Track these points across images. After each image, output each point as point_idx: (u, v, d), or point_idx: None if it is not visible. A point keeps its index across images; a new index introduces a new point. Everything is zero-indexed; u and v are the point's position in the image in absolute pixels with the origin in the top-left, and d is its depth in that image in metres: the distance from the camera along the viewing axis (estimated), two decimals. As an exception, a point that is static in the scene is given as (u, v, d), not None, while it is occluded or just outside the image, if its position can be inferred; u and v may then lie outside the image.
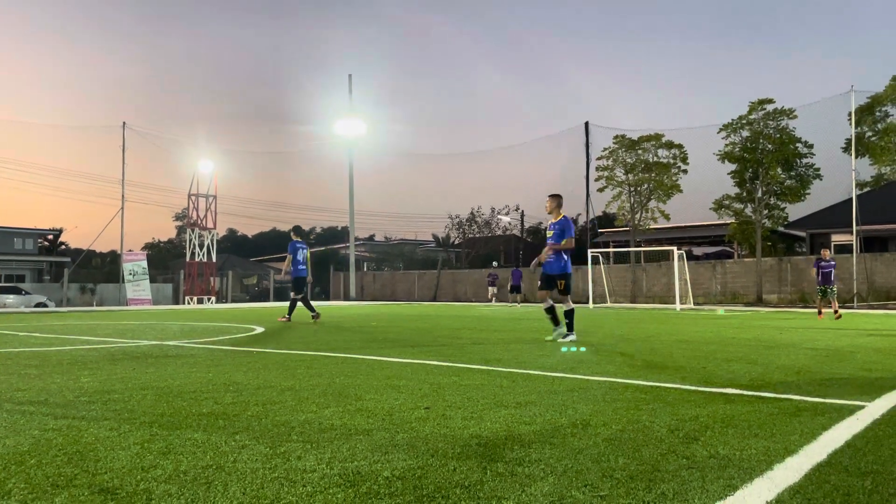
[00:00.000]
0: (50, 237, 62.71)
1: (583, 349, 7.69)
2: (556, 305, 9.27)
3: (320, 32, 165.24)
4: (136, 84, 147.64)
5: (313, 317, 14.54)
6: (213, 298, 35.90)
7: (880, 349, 7.99)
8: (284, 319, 14.50)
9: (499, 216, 52.94)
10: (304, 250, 15.04)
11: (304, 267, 14.88)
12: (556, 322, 9.23)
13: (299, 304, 15.06)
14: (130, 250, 42.22)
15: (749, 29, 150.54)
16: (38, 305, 33.72)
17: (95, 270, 51.52)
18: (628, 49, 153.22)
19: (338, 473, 2.64)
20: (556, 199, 9.32)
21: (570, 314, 9.06)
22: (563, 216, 9.26)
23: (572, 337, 8.86)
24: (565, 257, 9.15)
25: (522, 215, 57.64)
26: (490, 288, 35.63)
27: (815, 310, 19.20)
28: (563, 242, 9.08)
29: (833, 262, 17.43)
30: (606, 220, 44.92)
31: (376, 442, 3.15)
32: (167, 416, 3.78)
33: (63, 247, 64.74)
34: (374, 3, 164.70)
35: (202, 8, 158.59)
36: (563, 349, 7.69)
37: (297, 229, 15.44)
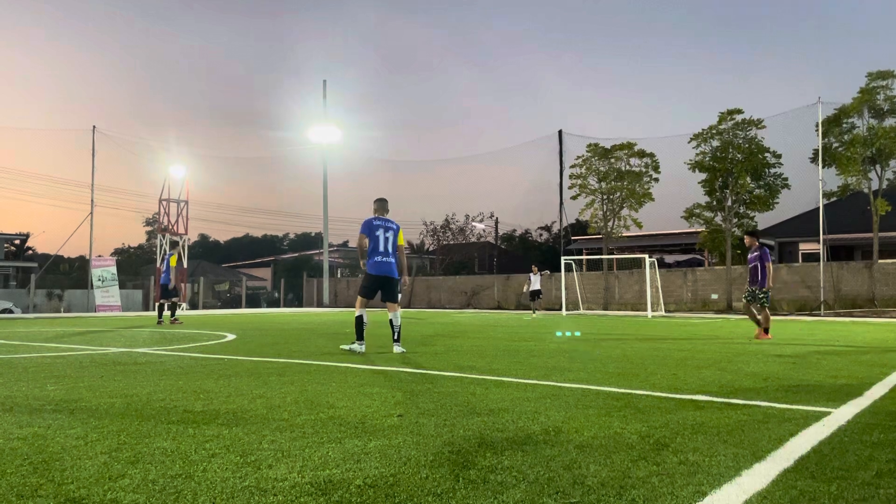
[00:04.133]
0: (16, 242, 61.41)
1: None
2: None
3: (296, 38, 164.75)
4: (107, 87, 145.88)
5: (158, 322, 16.83)
6: (185, 305, 35.40)
7: (846, 356, 8.14)
8: (175, 321, 16.70)
9: (473, 223, 53.00)
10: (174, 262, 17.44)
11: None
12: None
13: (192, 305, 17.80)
14: (100, 256, 41.44)
15: (719, 40, 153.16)
16: (3, 312, 32.99)
17: (63, 276, 50.53)
18: (602, 59, 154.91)
19: (309, 482, 2.62)
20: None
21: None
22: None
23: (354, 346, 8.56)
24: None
25: (497, 222, 57.81)
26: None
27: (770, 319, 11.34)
28: None
29: (759, 253, 11.17)
30: (579, 227, 45.19)
31: (348, 450, 3.14)
32: (135, 424, 3.72)
33: (30, 252, 63.46)
34: (350, 8, 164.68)
35: (175, 10, 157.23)
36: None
37: (173, 244, 17.82)
